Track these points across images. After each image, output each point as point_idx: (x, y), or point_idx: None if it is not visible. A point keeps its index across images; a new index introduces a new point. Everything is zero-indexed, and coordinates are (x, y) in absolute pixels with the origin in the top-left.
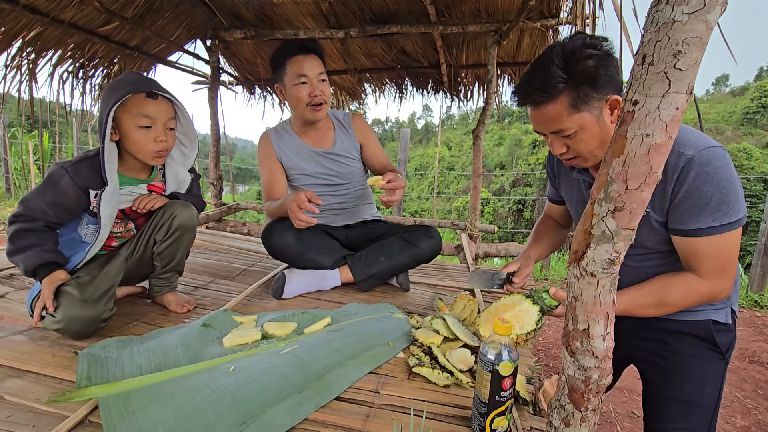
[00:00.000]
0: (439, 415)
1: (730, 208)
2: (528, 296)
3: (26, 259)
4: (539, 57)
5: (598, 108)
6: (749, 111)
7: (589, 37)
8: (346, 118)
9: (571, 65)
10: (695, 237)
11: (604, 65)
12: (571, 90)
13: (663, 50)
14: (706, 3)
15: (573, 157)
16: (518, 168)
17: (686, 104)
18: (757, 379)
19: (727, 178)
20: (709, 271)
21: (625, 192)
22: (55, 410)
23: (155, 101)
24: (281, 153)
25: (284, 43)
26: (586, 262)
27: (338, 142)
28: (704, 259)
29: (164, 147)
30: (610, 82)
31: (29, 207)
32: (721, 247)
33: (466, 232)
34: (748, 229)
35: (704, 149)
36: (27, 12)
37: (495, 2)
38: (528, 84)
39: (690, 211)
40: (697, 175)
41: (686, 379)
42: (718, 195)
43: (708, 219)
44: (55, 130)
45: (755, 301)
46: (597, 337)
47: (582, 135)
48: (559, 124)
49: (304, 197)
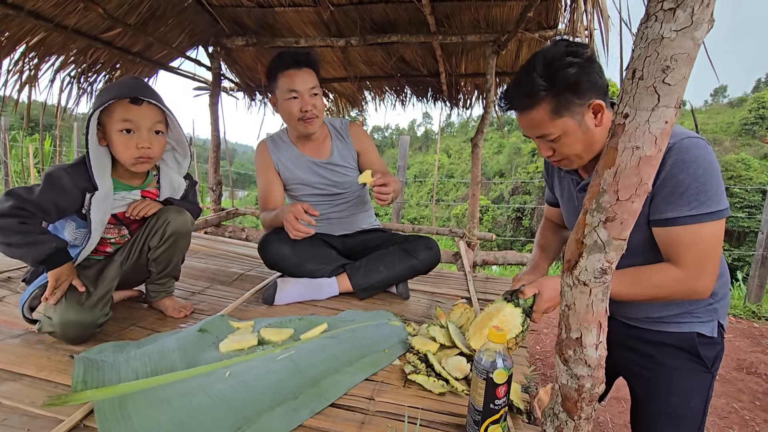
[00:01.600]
0: (433, 422)
1: (708, 197)
2: (508, 300)
3: (37, 246)
4: (524, 64)
5: (580, 113)
6: (747, 122)
7: (571, 44)
8: (344, 127)
9: (551, 73)
10: (673, 226)
11: (586, 72)
12: (552, 97)
13: (652, 65)
14: (693, 20)
15: (560, 159)
16: (517, 176)
17: (675, 118)
18: (755, 390)
19: (706, 167)
20: (686, 261)
21: (616, 203)
22: (50, 414)
23: (139, 107)
24: (278, 162)
25: (278, 56)
26: (579, 271)
27: (335, 152)
28: (681, 248)
29: (146, 154)
30: (592, 87)
31: (30, 201)
32: (699, 237)
33: (465, 240)
34: (746, 240)
35: (684, 138)
36: (31, 17)
37: (494, 13)
38: (512, 90)
39: (667, 200)
40: (674, 163)
41: (671, 392)
42: (695, 183)
43: (684, 208)
44: (55, 134)
45: (753, 312)
46: (590, 346)
47: (566, 139)
48: (542, 129)
49: (301, 209)
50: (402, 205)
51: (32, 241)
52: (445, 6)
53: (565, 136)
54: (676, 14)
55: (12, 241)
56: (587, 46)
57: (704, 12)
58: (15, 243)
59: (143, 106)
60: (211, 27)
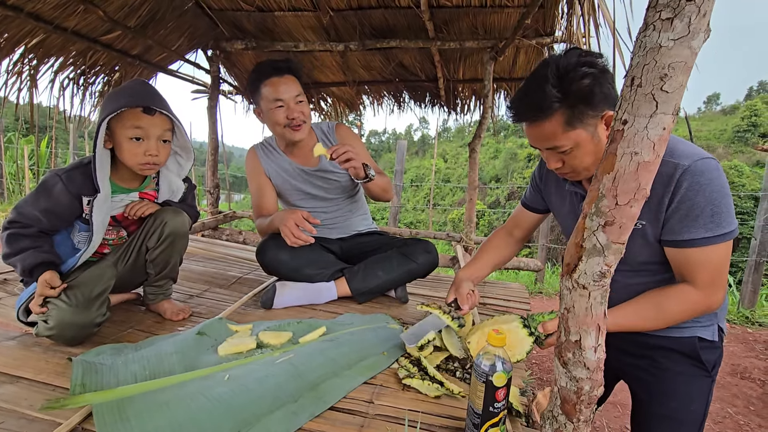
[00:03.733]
0: (433, 426)
1: (722, 219)
2: (524, 324)
3: (23, 259)
4: (534, 73)
5: (593, 125)
6: (740, 129)
7: (584, 54)
8: (330, 130)
9: (565, 84)
10: (689, 248)
11: (600, 83)
12: (566, 108)
13: (650, 73)
14: (690, 30)
15: (568, 171)
16: (513, 181)
17: (672, 124)
18: (749, 395)
19: (719, 189)
20: (702, 282)
21: (615, 207)
22: (48, 417)
23: (151, 116)
24: (269, 170)
25: (257, 67)
26: (578, 274)
27: (323, 158)
28: (698, 270)
29: (153, 161)
30: (605, 99)
31: (23, 214)
32: (713, 258)
33: (462, 244)
34: (739, 246)
35: (699, 160)
36: (31, 19)
37: (492, 20)
38: (522, 102)
39: (682, 222)
40: (690, 186)
41: (672, 396)
42: (710, 206)
43: (701, 230)
44: (51, 136)
45: (746, 317)
46: (588, 349)
47: (577, 151)
48: (554, 141)
49: (301, 216)
50: (399, 210)
51: (19, 252)
52: (443, 12)
53: (577, 149)
54: (674, 24)
55: (4, 253)
56: (601, 55)
57: (701, 22)
58: (5, 254)
59: (155, 116)
60: (211, 30)
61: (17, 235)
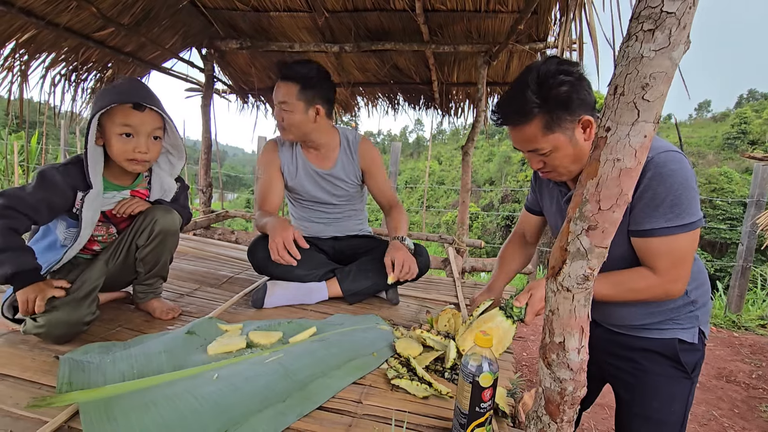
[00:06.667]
0: (420, 425)
1: (682, 210)
2: (506, 314)
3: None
4: (516, 80)
5: (570, 129)
6: (730, 136)
7: (563, 62)
8: (355, 142)
9: (545, 91)
10: (649, 237)
11: (576, 89)
12: (544, 114)
13: (633, 82)
14: (671, 41)
15: (550, 171)
16: (507, 184)
17: (653, 132)
18: (734, 398)
19: (682, 181)
20: (661, 268)
21: (598, 212)
22: (34, 415)
23: (141, 113)
24: (284, 165)
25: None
26: (563, 277)
27: (339, 164)
28: (657, 257)
29: (142, 158)
30: (582, 104)
31: (23, 201)
32: (673, 247)
33: (454, 247)
34: (728, 251)
35: (663, 152)
36: (22, 14)
37: (486, 25)
38: (505, 106)
39: (644, 211)
40: (652, 176)
41: (653, 397)
42: (670, 197)
43: (660, 220)
44: (42, 132)
45: (733, 321)
46: (572, 350)
47: (556, 153)
48: (534, 144)
49: (291, 238)
50: None
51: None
52: (438, 16)
53: (556, 151)
54: (655, 35)
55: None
56: (578, 63)
57: (681, 34)
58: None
59: (145, 112)
60: (205, 29)
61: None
